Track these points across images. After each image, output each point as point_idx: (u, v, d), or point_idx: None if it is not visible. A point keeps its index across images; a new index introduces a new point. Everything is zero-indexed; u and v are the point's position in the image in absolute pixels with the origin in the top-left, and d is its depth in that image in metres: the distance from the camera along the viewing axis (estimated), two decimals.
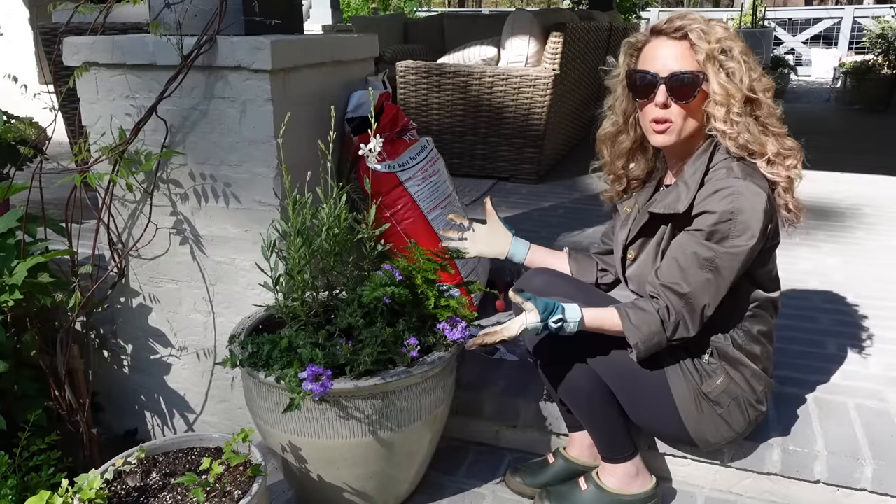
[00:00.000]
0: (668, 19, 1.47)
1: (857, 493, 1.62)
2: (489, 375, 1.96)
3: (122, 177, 1.91)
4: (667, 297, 1.44)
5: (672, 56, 1.45)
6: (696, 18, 1.45)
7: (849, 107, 7.69)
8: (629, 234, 1.61)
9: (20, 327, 1.98)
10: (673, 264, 1.45)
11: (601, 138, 1.65)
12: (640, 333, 1.45)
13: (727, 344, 1.52)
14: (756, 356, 1.53)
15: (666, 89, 1.44)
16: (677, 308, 1.44)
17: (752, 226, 1.38)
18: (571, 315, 1.45)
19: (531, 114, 3.82)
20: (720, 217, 1.38)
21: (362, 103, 2.12)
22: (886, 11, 9.69)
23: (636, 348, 1.46)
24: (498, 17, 5.01)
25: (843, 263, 2.82)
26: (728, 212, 1.38)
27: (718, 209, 1.38)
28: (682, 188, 1.47)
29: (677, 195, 1.47)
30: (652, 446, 1.75)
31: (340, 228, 1.60)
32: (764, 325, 1.54)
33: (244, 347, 1.58)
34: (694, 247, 1.42)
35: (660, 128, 1.48)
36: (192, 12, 1.85)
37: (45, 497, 1.33)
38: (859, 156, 4.95)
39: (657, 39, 1.48)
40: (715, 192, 1.40)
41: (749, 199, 1.38)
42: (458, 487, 1.78)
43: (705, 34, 1.42)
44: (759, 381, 1.55)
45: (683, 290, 1.43)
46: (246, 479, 1.46)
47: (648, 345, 1.46)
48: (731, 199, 1.38)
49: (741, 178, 1.39)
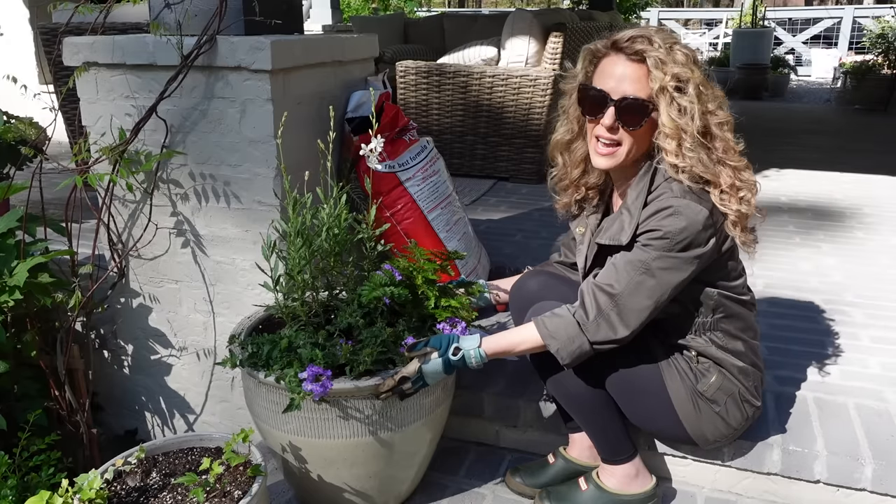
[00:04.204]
0: (630, 36, 1.43)
1: (857, 493, 1.62)
2: (489, 375, 1.96)
3: (122, 177, 1.91)
4: (594, 297, 1.45)
5: (627, 78, 1.42)
6: (655, 43, 1.40)
7: (849, 107, 7.69)
8: (586, 261, 1.61)
9: (20, 327, 1.98)
10: (610, 268, 1.47)
11: (555, 145, 1.63)
12: (558, 340, 1.45)
13: (707, 345, 1.53)
14: (740, 352, 1.54)
15: (615, 112, 1.43)
16: (604, 308, 1.43)
17: (693, 241, 1.39)
18: (468, 344, 1.48)
19: (531, 114, 3.82)
20: (664, 233, 1.39)
21: (362, 103, 2.12)
22: (886, 11, 9.69)
23: (558, 355, 1.46)
24: (498, 17, 5.01)
25: (842, 263, 2.82)
26: (670, 230, 1.38)
27: (663, 227, 1.39)
28: (626, 217, 1.46)
29: (621, 225, 1.46)
30: (652, 446, 1.75)
31: (340, 228, 1.60)
32: (740, 321, 1.54)
33: (244, 347, 1.58)
34: (633, 254, 1.43)
35: (604, 151, 1.48)
36: (192, 12, 1.85)
37: (45, 497, 1.33)
38: (859, 156, 4.95)
39: (616, 56, 1.45)
40: (657, 213, 1.41)
41: (690, 217, 1.38)
42: (458, 487, 1.78)
43: (662, 64, 1.39)
44: (748, 377, 1.55)
45: (614, 290, 1.43)
46: (246, 479, 1.46)
47: (570, 350, 1.45)
48: (672, 219, 1.38)
49: (680, 196, 1.40)
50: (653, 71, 1.39)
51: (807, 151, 5.03)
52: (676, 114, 1.39)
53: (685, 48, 1.43)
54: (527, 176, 3.99)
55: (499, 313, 2.32)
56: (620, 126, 1.44)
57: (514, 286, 1.77)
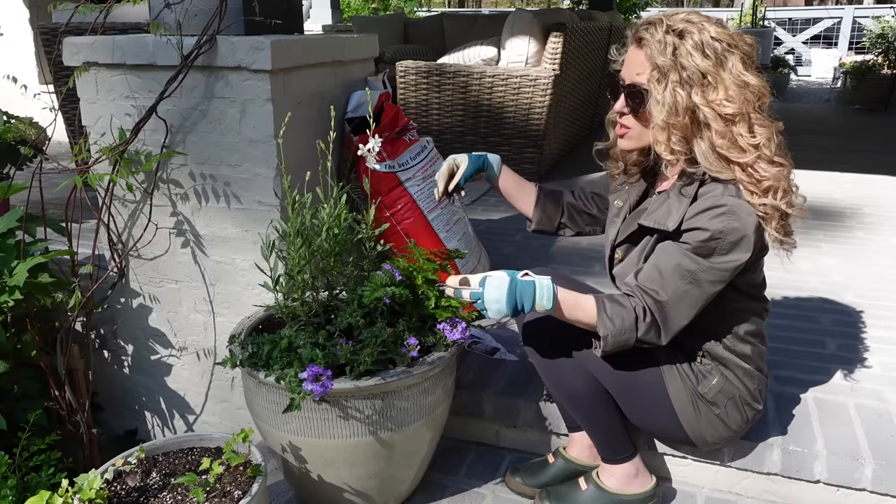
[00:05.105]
0: (644, 21, 1.42)
1: (857, 493, 1.62)
2: (489, 375, 1.96)
3: (122, 177, 1.92)
4: (643, 300, 1.41)
5: (634, 65, 1.43)
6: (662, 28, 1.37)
7: (849, 107, 7.69)
8: (618, 234, 1.59)
9: (20, 327, 1.98)
10: (654, 271, 1.42)
11: (608, 120, 1.62)
12: (613, 326, 1.39)
13: (716, 346, 1.52)
14: (747, 356, 1.53)
15: (624, 97, 1.45)
16: (655, 314, 1.40)
17: (741, 245, 1.36)
18: (542, 281, 1.38)
19: (531, 114, 3.82)
20: (711, 235, 1.35)
21: (362, 103, 2.12)
22: (886, 11, 9.69)
23: (604, 341, 1.41)
24: (498, 17, 5.01)
25: (842, 263, 2.82)
26: (720, 231, 1.35)
27: (711, 227, 1.35)
28: (674, 202, 1.42)
29: (668, 209, 1.42)
30: (652, 446, 1.75)
31: (340, 228, 1.60)
32: (752, 325, 1.53)
33: (244, 347, 1.58)
34: (678, 258, 1.39)
35: (620, 131, 1.50)
36: (192, 12, 1.85)
37: (45, 497, 1.33)
38: (859, 156, 4.95)
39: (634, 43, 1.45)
40: (708, 209, 1.36)
41: (742, 219, 1.35)
42: (458, 487, 1.78)
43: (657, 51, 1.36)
44: (752, 380, 1.54)
45: (661, 297, 1.39)
46: (246, 479, 1.46)
47: (617, 340, 1.41)
48: (723, 218, 1.35)
49: (735, 195, 1.36)
50: (647, 58, 1.39)
51: (807, 151, 5.02)
52: (661, 103, 1.37)
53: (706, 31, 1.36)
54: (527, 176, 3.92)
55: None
56: (628, 111, 1.45)
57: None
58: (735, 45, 1.37)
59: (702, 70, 1.35)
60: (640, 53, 1.41)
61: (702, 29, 1.37)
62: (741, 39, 1.38)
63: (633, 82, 1.42)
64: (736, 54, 1.37)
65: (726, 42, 1.36)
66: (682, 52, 1.36)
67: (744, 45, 1.38)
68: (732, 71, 1.36)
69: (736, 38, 1.37)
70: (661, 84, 1.37)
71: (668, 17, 1.41)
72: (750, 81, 1.36)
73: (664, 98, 1.37)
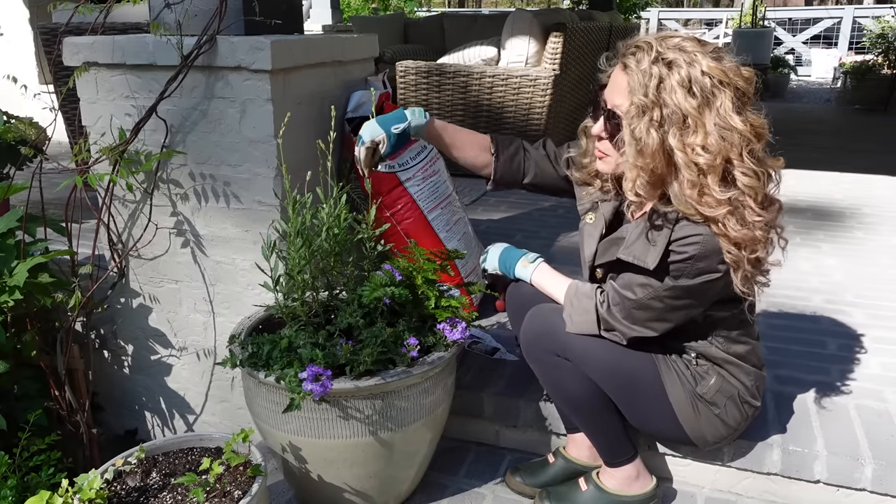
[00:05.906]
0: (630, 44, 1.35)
1: (857, 493, 1.62)
2: (489, 375, 1.96)
3: (122, 177, 1.91)
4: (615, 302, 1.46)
5: (616, 89, 1.37)
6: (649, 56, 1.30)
7: (849, 107, 7.70)
8: (595, 256, 1.58)
9: (20, 327, 1.98)
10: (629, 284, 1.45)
11: (581, 127, 1.58)
12: (573, 322, 1.50)
13: (710, 348, 1.52)
14: (741, 354, 1.54)
15: (604, 121, 1.43)
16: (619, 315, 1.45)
17: (708, 270, 1.35)
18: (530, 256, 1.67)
19: (531, 114, 3.82)
20: (684, 259, 1.36)
21: (362, 103, 2.12)
22: (886, 11, 9.69)
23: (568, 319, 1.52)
24: (498, 17, 5.01)
25: (842, 263, 2.82)
26: (691, 256, 1.35)
27: (684, 252, 1.35)
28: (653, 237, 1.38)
29: (645, 248, 1.39)
30: (652, 446, 1.75)
31: (340, 228, 1.60)
32: (741, 326, 1.53)
33: (244, 347, 1.58)
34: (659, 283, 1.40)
35: (598, 154, 1.49)
36: (192, 12, 1.85)
37: (45, 497, 1.33)
38: (859, 156, 4.96)
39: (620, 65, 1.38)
40: (682, 238, 1.35)
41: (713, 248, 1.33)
42: (458, 487, 1.78)
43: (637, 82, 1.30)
44: (749, 377, 1.55)
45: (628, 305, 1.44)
46: (246, 479, 1.46)
47: (578, 330, 1.51)
48: (696, 246, 1.33)
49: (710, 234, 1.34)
50: (629, 89, 1.32)
51: (807, 151, 5.03)
52: (634, 142, 1.32)
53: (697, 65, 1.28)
54: None
55: (499, 313, 2.32)
56: (605, 135, 1.43)
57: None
58: (727, 83, 1.28)
59: (683, 111, 1.28)
60: (623, 79, 1.35)
61: (692, 61, 1.28)
62: (736, 74, 1.30)
63: (614, 107, 1.39)
64: (726, 92, 1.28)
65: (717, 78, 1.28)
66: (665, 87, 1.29)
67: (738, 81, 1.30)
68: (720, 112, 1.28)
69: (730, 74, 1.29)
70: (638, 120, 1.31)
71: (660, 40, 1.33)
72: (736, 126, 1.28)
73: (638, 137, 1.31)
